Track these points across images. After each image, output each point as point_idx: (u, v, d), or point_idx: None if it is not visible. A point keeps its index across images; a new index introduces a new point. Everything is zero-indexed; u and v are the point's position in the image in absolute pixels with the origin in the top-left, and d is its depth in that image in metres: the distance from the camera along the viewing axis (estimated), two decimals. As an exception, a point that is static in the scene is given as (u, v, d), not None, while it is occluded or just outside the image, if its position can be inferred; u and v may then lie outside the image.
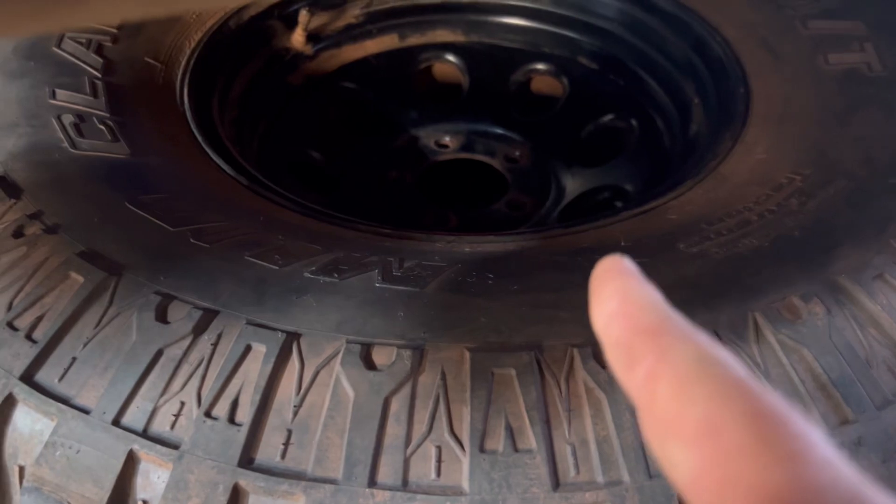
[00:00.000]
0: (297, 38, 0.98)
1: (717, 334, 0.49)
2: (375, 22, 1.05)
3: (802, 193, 0.62)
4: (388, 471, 0.44)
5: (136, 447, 0.46)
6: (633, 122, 0.99)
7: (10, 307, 0.52)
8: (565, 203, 0.99)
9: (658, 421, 0.20)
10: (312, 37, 0.99)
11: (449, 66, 1.09)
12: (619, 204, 0.96)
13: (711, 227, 0.60)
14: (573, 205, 0.98)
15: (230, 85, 0.91)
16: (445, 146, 1.08)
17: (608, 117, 1.02)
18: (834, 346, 0.49)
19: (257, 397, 0.47)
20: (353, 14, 1.03)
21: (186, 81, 0.81)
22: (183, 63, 0.84)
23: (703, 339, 0.21)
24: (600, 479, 0.44)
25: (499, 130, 1.08)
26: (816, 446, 0.18)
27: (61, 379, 0.49)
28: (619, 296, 0.23)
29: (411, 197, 1.02)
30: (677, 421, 0.20)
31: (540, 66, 1.06)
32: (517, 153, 1.06)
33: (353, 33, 1.04)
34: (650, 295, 0.23)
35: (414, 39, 1.07)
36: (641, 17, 0.96)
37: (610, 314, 0.23)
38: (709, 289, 0.53)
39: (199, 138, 0.74)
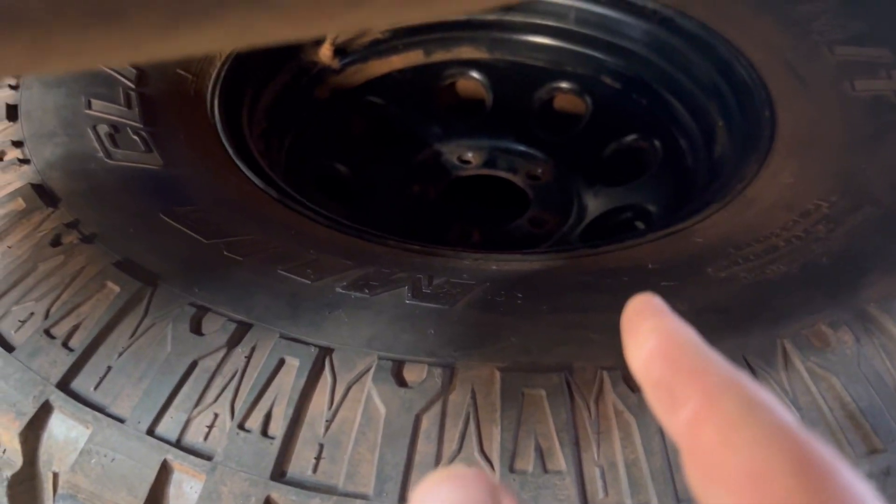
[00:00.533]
0: (325, 52, 0.99)
1: (746, 360, 0.50)
2: (401, 38, 1.06)
3: (830, 220, 0.62)
4: (418, 488, 0.44)
5: (169, 457, 0.46)
6: (657, 142, 1.00)
7: (47, 315, 0.53)
8: (587, 222, 0.99)
9: (702, 466, 0.20)
10: (339, 51, 1.01)
11: (473, 82, 1.10)
12: (639, 224, 0.97)
13: (739, 251, 0.60)
14: (595, 223, 0.99)
15: (258, 97, 0.92)
16: (468, 162, 1.08)
17: (631, 137, 1.03)
18: (863, 374, 0.49)
19: (290, 411, 0.47)
20: (379, 29, 1.04)
21: (217, 93, 0.83)
22: (213, 75, 0.85)
23: (747, 382, 0.21)
24: (629, 502, 0.44)
25: (521, 147, 1.09)
26: (866, 499, 0.18)
27: (97, 387, 0.50)
28: (657, 335, 0.23)
29: (434, 211, 1.02)
30: (723, 467, 0.19)
31: (563, 85, 1.07)
32: (539, 170, 1.06)
33: (380, 48, 1.05)
34: (688, 334, 0.23)
35: (439, 55, 1.08)
36: (666, 38, 0.97)
37: (649, 354, 0.23)
38: (738, 314, 0.53)
39: (230, 150, 0.75)
